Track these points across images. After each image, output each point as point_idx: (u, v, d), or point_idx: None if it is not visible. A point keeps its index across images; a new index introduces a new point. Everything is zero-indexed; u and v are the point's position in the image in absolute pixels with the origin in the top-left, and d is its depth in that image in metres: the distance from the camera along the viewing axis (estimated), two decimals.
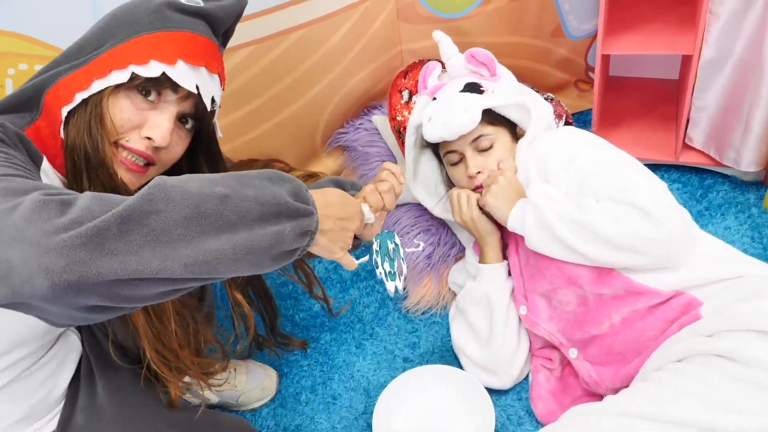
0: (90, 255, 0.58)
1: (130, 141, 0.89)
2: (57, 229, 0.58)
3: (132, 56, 0.86)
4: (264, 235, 0.67)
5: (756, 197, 1.54)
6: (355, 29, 1.52)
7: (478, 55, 1.23)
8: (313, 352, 1.44)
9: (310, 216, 0.73)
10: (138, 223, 0.60)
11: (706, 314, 0.95)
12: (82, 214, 0.59)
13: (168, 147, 0.92)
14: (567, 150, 1.14)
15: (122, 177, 0.89)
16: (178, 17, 0.90)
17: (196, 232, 0.63)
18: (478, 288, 1.23)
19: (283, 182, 0.73)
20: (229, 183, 0.67)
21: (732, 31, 1.35)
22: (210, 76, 0.92)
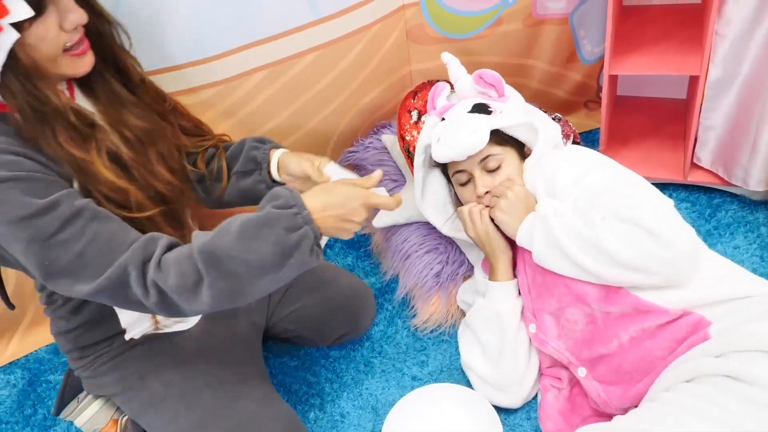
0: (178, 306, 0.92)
1: (67, 44, 0.91)
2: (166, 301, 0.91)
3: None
4: (287, 269, 0.92)
5: (765, 216, 1.54)
6: (367, 51, 1.54)
7: (486, 76, 1.24)
8: (322, 369, 1.45)
9: (308, 237, 0.92)
10: (210, 287, 0.90)
11: (714, 334, 0.95)
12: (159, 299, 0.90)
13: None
14: (574, 168, 1.15)
15: (74, 72, 0.94)
16: None
17: (245, 286, 0.91)
18: (488, 306, 1.23)
19: (276, 223, 0.90)
20: (244, 246, 0.89)
21: (738, 51, 1.37)
22: None
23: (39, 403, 1.52)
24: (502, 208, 1.15)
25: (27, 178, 0.87)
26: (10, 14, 0.81)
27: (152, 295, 0.89)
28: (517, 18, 1.61)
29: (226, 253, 0.89)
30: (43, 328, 1.65)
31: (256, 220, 0.90)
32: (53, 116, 0.90)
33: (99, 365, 1.15)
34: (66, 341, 1.15)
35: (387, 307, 1.55)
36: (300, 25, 1.41)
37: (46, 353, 1.63)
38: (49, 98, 0.89)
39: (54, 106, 0.90)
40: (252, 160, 1.21)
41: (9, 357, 1.63)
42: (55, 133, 0.91)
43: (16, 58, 0.85)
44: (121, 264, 0.88)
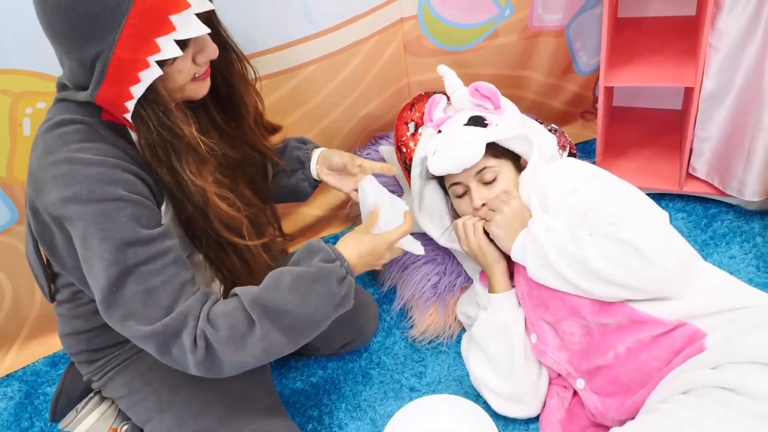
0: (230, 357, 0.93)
1: (197, 74, 0.96)
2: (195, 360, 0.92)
3: (152, 32, 0.83)
4: (334, 317, 1.00)
5: (760, 226, 1.55)
6: (365, 63, 1.55)
7: (482, 89, 1.25)
8: (320, 380, 1.45)
9: (352, 285, 1.00)
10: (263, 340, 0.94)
11: (710, 346, 0.95)
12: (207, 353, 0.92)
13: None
14: (567, 182, 1.16)
15: (195, 96, 0.98)
16: None
17: (296, 337, 0.97)
18: (492, 318, 1.22)
19: (327, 278, 0.97)
20: (299, 300, 0.94)
21: (732, 64, 1.38)
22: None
23: (36, 415, 1.52)
24: (497, 223, 1.16)
25: (138, 203, 0.90)
26: (160, 53, 0.85)
27: (199, 348, 0.90)
28: (513, 30, 1.62)
29: (280, 307, 0.93)
30: (41, 341, 1.64)
31: (307, 275, 0.95)
32: (183, 148, 0.94)
33: (109, 369, 1.15)
34: (77, 342, 1.14)
35: (385, 318, 1.55)
36: (298, 39, 1.42)
37: (44, 365, 1.63)
38: (183, 130, 0.93)
39: (186, 140, 0.94)
40: (296, 160, 1.28)
41: (6, 369, 1.63)
42: (183, 164, 0.94)
43: (153, 90, 0.88)
44: (182, 312, 0.90)
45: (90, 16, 0.81)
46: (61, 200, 0.87)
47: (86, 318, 1.11)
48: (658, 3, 1.70)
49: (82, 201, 0.87)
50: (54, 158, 0.88)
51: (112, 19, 0.81)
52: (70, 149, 0.89)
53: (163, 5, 0.82)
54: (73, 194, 0.87)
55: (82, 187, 0.87)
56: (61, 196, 0.87)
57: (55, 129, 0.91)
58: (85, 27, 0.82)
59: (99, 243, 0.87)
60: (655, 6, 1.71)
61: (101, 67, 0.84)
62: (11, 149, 1.33)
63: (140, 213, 0.90)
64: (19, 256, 1.49)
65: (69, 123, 0.91)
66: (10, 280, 1.52)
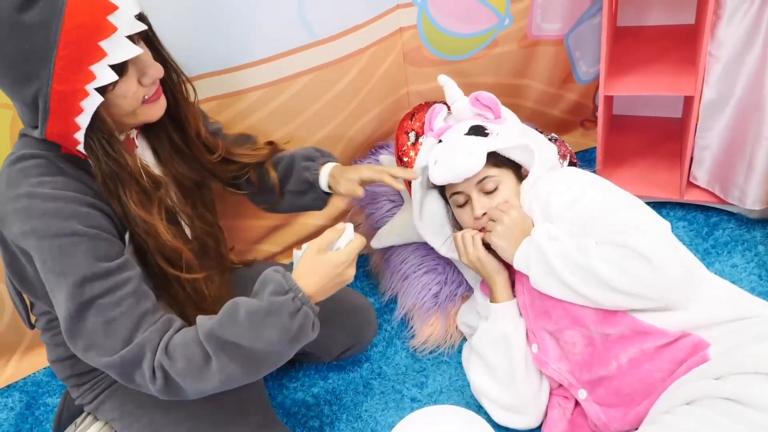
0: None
1: (146, 96, 0.96)
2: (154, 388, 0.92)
3: (84, 61, 0.83)
4: (293, 348, 0.98)
5: (762, 235, 1.55)
6: (364, 72, 1.56)
7: (483, 99, 1.26)
8: (321, 391, 1.44)
9: (308, 316, 0.97)
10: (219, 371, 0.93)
11: (713, 356, 0.95)
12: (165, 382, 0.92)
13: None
14: (568, 191, 1.16)
15: (149, 118, 0.99)
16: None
17: (255, 370, 0.96)
18: (492, 328, 1.22)
19: (278, 311, 0.93)
20: (253, 335, 0.92)
21: (732, 72, 1.38)
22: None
23: (36, 426, 1.51)
24: (498, 234, 1.16)
25: (95, 237, 0.91)
26: (96, 80, 0.85)
27: (158, 378, 0.91)
28: (512, 39, 1.63)
29: (235, 341, 0.92)
30: (41, 351, 1.64)
31: (259, 310, 0.93)
32: (127, 179, 0.95)
33: (98, 392, 1.15)
34: (63, 368, 1.15)
35: (386, 328, 1.55)
36: (296, 47, 1.42)
37: (44, 376, 1.63)
38: (126, 161, 0.94)
39: (129, 170, 0.95)
40: (305, 182, 1.27)
41: (7, 379, 1.62)
42: (127, 195, 0.95)
43: (99, 119, 0.89)
44: (140, 343, 0.90)
45: (21, 55, 0.82)
46: (21, 233, 0.89)
47: (66, 345, 1.10)
48: (657, 12, 1.70)
49: (40, 236, 0.89)
50: (14, 192, 0.90)
51: (43, 55, 0.82)
52: (30, 183, 0.90)
53: (90, 33, 0.83)
54: (31, 228, 0.89)
55: (39, 222, 0.88)
56: (22, 229, 0.89)
57: (17, 163, 0.92)
58: (19, 68, 0.83)
59: (57, 277, 0.89)
60: (654, 15, 1.71)
61: (43, 104, 0.85)
62: None
63: (98, 246, 0.91)
64: None
65: (29, 158, 0.92)
66: None
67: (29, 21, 0.81)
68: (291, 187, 1.28)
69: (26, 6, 0.81)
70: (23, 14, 0.81)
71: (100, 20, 0.83)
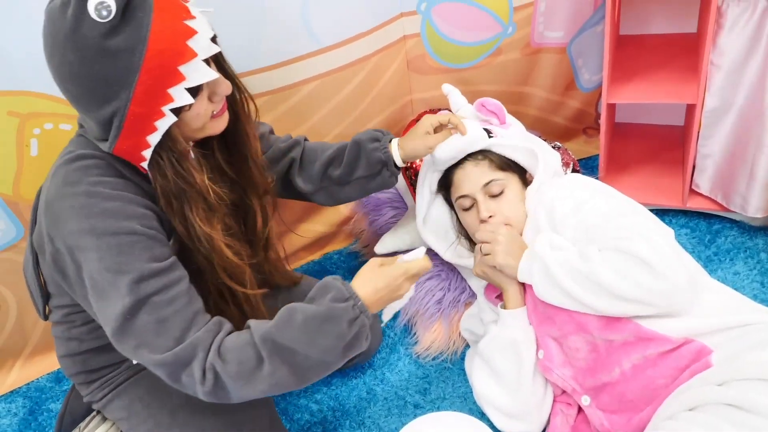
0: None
1: (214, 112, 0.98)
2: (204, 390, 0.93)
3: (163, 84, 0.86)
4: (345, 357, 0.98)
5: (765, 242, 1.55)
6: (368, 80, 1.57)
7: (488, 104, 1.27)
8: (324, 397, 1.44)
9: (365, 325, 0.98)
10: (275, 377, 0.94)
11: (716, 362, 0.95)
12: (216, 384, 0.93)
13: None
14: (573, 197, 1.16)
15: (214, 132, 1.01)
16: (137, 21, 0.84)
17: (304, 377, 0.97)
18: (502, 334, 1.21)
19: (338, 318, 0.95)
20: (308, 340, 0.94)
21: (734, 81, 1.39)
22: (200, 20, 0.90)
23: (40, 431, 1.52)
24: (500, 253, 1.16)
25: (152, 237, 0.93)
26: (173, 102, 0.87)
27: (208, 380, 0.91)
28: (515, 47, 1.64)
29: (289, 346, 0.93)
30: (45, 357, 1.64)
31: (318, 315, 0.95)
32: (195, 196, 0.97)
33: (108, 391, 1.15)
34: (73, 363, 1.15)
35: (389, 335, 1.55)
36: (300, 55, 1.44)
37: (48, 381, 1.63)
38: (195, 178, 0.96)
39: (197, 188, 0.96)
40: (378, 162, 1.26)
41: (10, 385, 1.63)
42: (193, 212, 0.97)
43: (171, 137, 0.91)
44: (193, 343, 0.91)
45: (104, 79, 0.84)
46: (78, 231, 0.90)
47: (80, 340, 1.12)
48: (660, 20, 1.71)
49: (98, 233, 0.90)
50: (73, 190, 0.91)
51: (125, 79, 0.84)
52: (89, 182, 0.92)
53: (172, 58, 0.85)
54: (89, 226, 0.90)
55: (98, 220, 0.90)
56: (79, 227, 0.90)
57: (76, 162, 0.94)
58: (100, 89, 0.85)
59: (114, 275, 0.90)
60: (656, 23, 1.72)
61: (118, 123, 0.87)
62: (18, 168, 1.34)
63: (153, 246, 0.93)
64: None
65: (89, 157, 0.94)
66: (15, 296, 1.52)
67: (114, 47, 0.83)
68: (361, 173, 1.27)
69: (113, 33, 0.83)
70: (109, 40, 0.82)
71: (180, 46, 0.85)
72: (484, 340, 1.25)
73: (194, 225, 0.98)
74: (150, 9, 0.83)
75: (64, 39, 0.83)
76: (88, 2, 0.81)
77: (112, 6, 0.81)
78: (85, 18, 0.82)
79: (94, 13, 0.81)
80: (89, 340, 1.11)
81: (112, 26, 0.82)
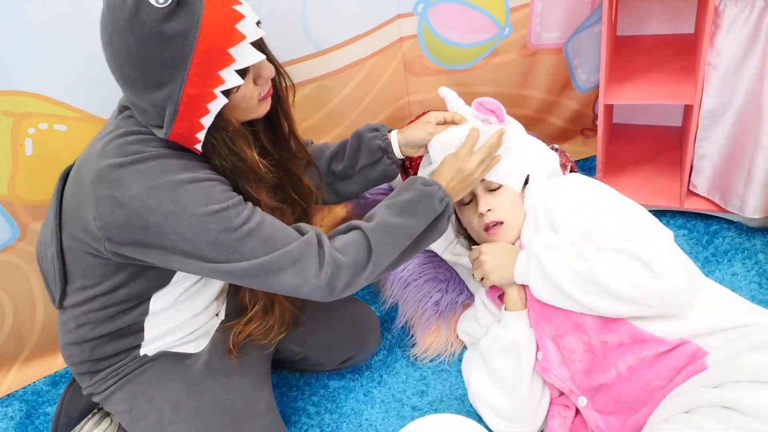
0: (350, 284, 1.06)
1: (261, 94, 1.03)
2: (323, 279, 1.03)
3: (215, 66, 0.90)
4: (435, 233, 1.15)
5: (762, 243, 1.55)
6: (365, 82, 1.57)
7: (487, 103, 1.27)
8: (322, 399, 1.44)
9: (449, 206, 1.14)
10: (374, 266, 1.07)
11: (712, 364, 0.95)
12: (336, 272, 1.03)
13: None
14: (573, 197, 1.16)
15: (259, 114, 1.06)
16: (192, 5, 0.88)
17: (403, 256, 1.13)
18: (504, 335, 1.20)
19: (429, 196, 1.12)
20: (407, 219, 1.10)
21: (731, 82, 1.39)
22: (246, 6, 0.95)
23: None
24: (489, 271, 1.17)
25: (220, 181, 1.00)
26: (224, 84, 0.92)
27: (325, 271, 1.01)
28: (512, 49, 1.64)
29: (394, 226, 1.08)
30: (42, 360, 1.64)
31: (414, 197, 1.11)
32: (248, 170, 1.03)
33: (113, 383, 1.16)
34: (80, 351, 1.14)
35: (387, 336, 1.55)
36: (298, 57, 1.44)
37: (44, 385, 1.63)
38: (246, 154, 1.02)
39: (249, 163, 1.02)
40: (377, 150, 1.29)
41: (7, 389, 1.62)
42: (245, 184, 1.04)
43: (223, 118, 0.96)
44: (306, 239, 1.02)
45: (160, 62, 0.88)
46: (150, 191, 0.94)
47: (94, 325, 1.11)
48: (657, 21, 1.71)
49: (177, 183, 0.95)
50: (136, 157, 0.95)
51: (179, 62, 0.88)
52: (152, 147, 0.97)
53: (222, 41, 0.89)
54: (163, 183, 0.95)
55: (175, 174, 0.95)
56: (150, 186, 0.94)
57: (130, 135, 0.99)
58: (155, 72, 0.89)
59: (198, 220, 0.95)
60: (653, 24, 1.72)
61: (173, 106, 0.91)
62: (13, 168, 1.34)
63: (224, 188, 1.00)
64: (20, 275, 1.49)
65: (144, 133, 0.99)
66: (11, 298, 1.52)
67: (170, 31, 0.87)
68: (363, 161, 1.30)
69: (169, 18, 0.87)
70: (166, 25, 0.87)
71: (230, 29, 0.90)
72: (484, 339, 1.24)
73: (246, 194, 1.04)
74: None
75: (124, 24, 0.87)
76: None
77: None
78: (143, 4, 0.86)
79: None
80: (103, 325, 1.11)
81: (169, 12, 0.86)
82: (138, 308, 1.11)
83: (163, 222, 0.95)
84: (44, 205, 1.41)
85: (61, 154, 1.34)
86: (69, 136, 1.33)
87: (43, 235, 1.12)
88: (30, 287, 1.53)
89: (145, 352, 1.16)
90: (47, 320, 1.58)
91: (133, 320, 1.12)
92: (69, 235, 1.06)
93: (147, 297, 1.11)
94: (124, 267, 1.05)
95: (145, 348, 1.16)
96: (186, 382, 1.16)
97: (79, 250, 1.05)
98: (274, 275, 1.00)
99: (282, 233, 1.02)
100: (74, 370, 1.18)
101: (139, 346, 1.16)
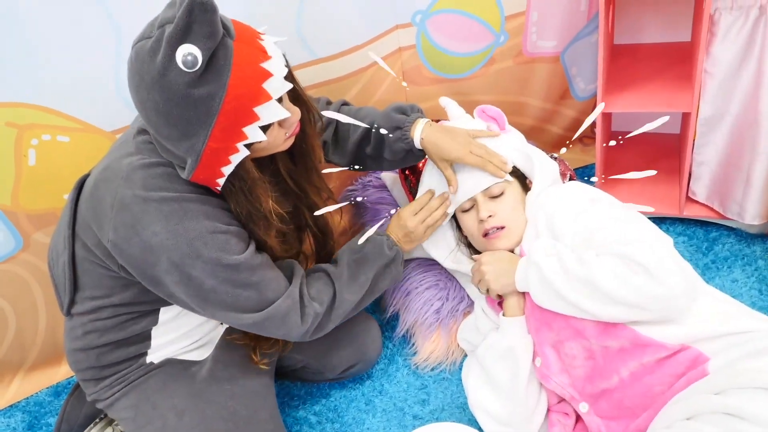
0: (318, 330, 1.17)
1: (287, 134, 1.04)
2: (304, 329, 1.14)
3: (239, 124, 0.92)
4: (387, 279, 1.29)
5: (762, 249, 1.55)
6: (364, 92, 1.58)
7: (489, 111, 1.29)
8: (323, 409, 1.44)
9: (397, 253, 1.27)
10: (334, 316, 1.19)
11: (713, 370, 0.95)
12: (314, 321, 1.15)
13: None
14: (573, 205, 1.17)
15: (283, 149, 1.08)
16: (221, 64, 0.89)
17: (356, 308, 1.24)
18: (501, 341, 1.21)
19: (380, 245, 1.25)
20: (362, 289, 1.22)
21: (728, 89, 1.40)
22: (274, 51, 0.95)
23: None
24: (490, 281, 1.18)
25: (236, 233, 1.04)
26: (247, 139, 0.94)
27: (305, 321, 1.12)
28: (508, 56, 1.65)
29: (350, 276, 1.20)
30: (44, 371, 1.64)
31: (368, 245, 1.23)
32: (261, 217, 1.06)
33: (118, 389, 1.16)
34: (86, 357, 1.15)
35: (388, 345, 1.55)
36: (296, 65, 1.44)
37: (47, 396, 1.63)
38: (262, 204, 1.04)
39: (264, 212, 1.05)
40: (401, 151, 1.27)
41: (9, 400, 1.62)
42: (253, 228, 1.07)
43: (243, 168, 0.99)
44: (290, 295, 1.10)
45: (185, 118, 0.90)
46: (170, 233, 0.97)
47: (101, 332, 1.13)
48: (653, 29, 1.72)
49: (197, 232, 0.98)
50: (162, 195, 0.98)
51: (204, 119, 0.90)
52: (177, 185, 1.00)
53: (249, 101, 0.91)
54: (184, 229, 0.98)
55: (196, 221, 0.98)
56: (172, 229, 0.97)
57: (157, 167, 1.00)
58: (181, 127, 0.91)
59: (212, 266, 1.01)
60: (650, 33, 1.73)
61: (195, 156, 0.94)
62: (16, 179, 1.35)
63: (240, 239, 1.05)
64: (23, 285, 1.50)
65: (169, 165, 1.01)
66: (14, 309, 1.53)
67: (197, 95, 0.88)
68: (388, 157, 1.29)
69: (197, 83, 0.87)
70: (194, 89, 0.88)
71: (257, 90, 0.91)
72: (482, 346, 1.25)
73: (253, 233, 1.08)
74: (230, 56, 0.88)
75: (151, 81, 0.88)
76: (177, 51, 0.85)
77: (198, 57, 0.85)
78: (172, 66, 0.86)
79: (181, 63, 0.86)
80: (111, 333, 1.13)
81: (197, 76, 0.87)
82: (147, 318, 1.13)
83: (175, 263, 0.98)
84: (47, 215, 1.42)
85: (63, 165, 1.35)
86: (72, 147, 1.34)
87: (56, 242, 1.13)
88: (33, 298, 1.53)
89: (151, 359, 1.17)
90: (50, 331, 1.59)
91: (141, 329, 1.14)
92: (83, 246, 1.07)
93: (156, 308, 1.13)
94: (135, 282, 1.06)
95: (151, 356, 1.17)
96: (190, 389, 1.17)
97: (92, 261, 1.06)
98: (264, 330, 1.10)
99: (276, 284, 1.09)
100: (79, 377, 1.19)
101: (145, 354, 1.16)
